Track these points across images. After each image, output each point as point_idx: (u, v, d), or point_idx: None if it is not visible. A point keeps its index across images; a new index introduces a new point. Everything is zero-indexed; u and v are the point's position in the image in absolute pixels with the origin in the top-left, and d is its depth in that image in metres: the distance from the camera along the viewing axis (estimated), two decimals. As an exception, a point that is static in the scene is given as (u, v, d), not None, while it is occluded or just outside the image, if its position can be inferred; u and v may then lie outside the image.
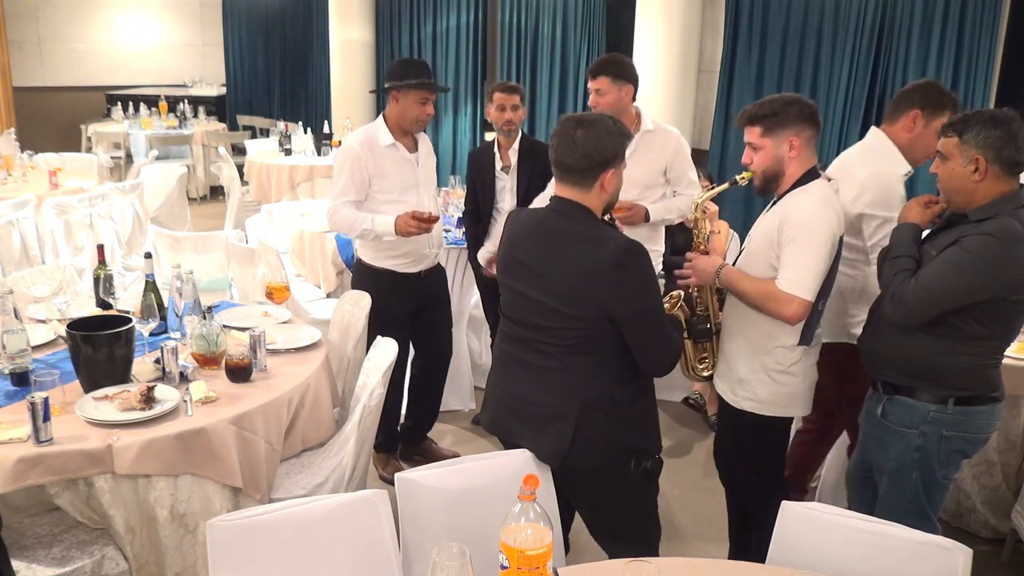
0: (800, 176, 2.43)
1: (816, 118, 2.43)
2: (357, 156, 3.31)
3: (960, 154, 2.23)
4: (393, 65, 3.43)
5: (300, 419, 2.69)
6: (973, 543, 1.87)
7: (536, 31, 7.79)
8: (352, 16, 9.22)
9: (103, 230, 5.42)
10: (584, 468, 2.21)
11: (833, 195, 2.44)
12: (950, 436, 2.32)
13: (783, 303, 2.36)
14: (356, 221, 3.30)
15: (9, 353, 2.53)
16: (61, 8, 10.88)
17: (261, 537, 1.79)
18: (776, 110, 2.40)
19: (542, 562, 1.53)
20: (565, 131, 2.15)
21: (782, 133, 2.40)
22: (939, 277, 2.21)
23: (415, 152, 3.44)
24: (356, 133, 3.43)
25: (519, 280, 2.23)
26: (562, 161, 2.16)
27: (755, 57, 6.03)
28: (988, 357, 2.31)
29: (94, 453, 2.19)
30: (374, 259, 3.48)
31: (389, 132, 3.37)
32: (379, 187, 3.35)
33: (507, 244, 2.32)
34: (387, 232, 3.27)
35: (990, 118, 2.21)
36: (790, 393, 2.52)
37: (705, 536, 3.36)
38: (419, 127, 3.41)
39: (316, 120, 9.72)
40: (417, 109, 3.32)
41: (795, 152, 2.41)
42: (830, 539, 1.87)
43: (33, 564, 2.22)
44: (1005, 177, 2.22)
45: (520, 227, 2.29)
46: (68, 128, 10.38)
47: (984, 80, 4.91)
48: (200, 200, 9.53)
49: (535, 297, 2.18)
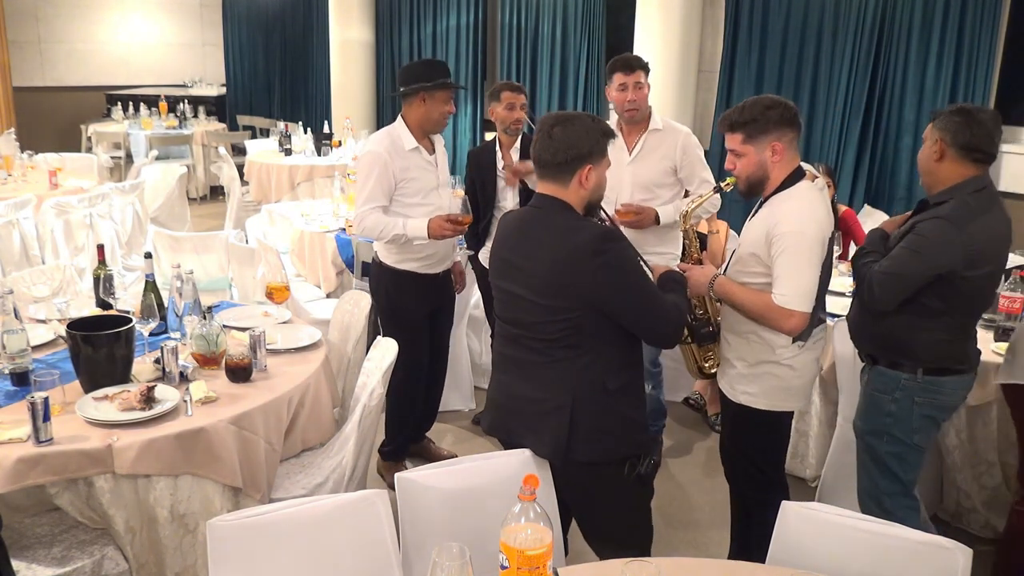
0: (785, 178, 2.45)
1: (796, 119, 2.46)
2: (385, 162, 3.25)
3: (929, 137, 2.49)
4: (415, 66, 3.42)
5: (300, 419, 2.69)
6: (973, 543, 1.87)
7: (536, 31, 7.79)
8: (352, 16, 9.21)
9: (103, 230, 5.42)
10: (583, 462, 2.21)
11: (818, 195, 2.45)
12: (920, 403, 2.52)
13: (783, 318, 2.39)
14: (387, 227, 3.25)
15: (9, 353, 2.53)
16: (61, 8, 10.88)
17: (261, 537, 1.79)
18: (756, 116, 2.40)
19: (542, 562, 1.53)
20: (543, 128, 2.20)
21: (764, 139, 2.40)
22: (898, 262, 2.42)
23: (433, 154, 3.43)
24: (379, 138, 3.34)
25: (506, 279, 2.27)
26: (540, 157, 2.20)
27: (755, 57, 6.03)
28: (953, 332, 2.49)
29: (94, 453, 2.20)
30: (398, 262, 3.44)
31: (411, 135, 3.33)
32: (405, 191, 3.32)
33: (495, 245, 2.36)
34: (420, 236, 3.25)
35: (959, 109, 2.45)
36: (785, 387, 2.53)
37: (705, 536, 3.36)
38: (442, 127, 3.40)
39: (316, 120, 9.72)
40: (444, 108, 3.31)
41: (778, 156, 2.42)
42: (830, 539, 1.87)
43: (33, 564, 2.22)
44: (963, 162, 2.41)
45: (505, 227, 2.36)
46: (68, 128, 10.39)
47: (984, 80, 4.91)
48: (200, 200, 9.53)
49: (519, 293, 2.21)
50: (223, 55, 12.00)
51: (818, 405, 3.57)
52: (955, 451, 3.21)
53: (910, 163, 5.30)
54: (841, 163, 5.55)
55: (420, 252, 3.41)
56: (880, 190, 5.50)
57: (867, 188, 5.51)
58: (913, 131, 5.25)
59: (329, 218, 4.99)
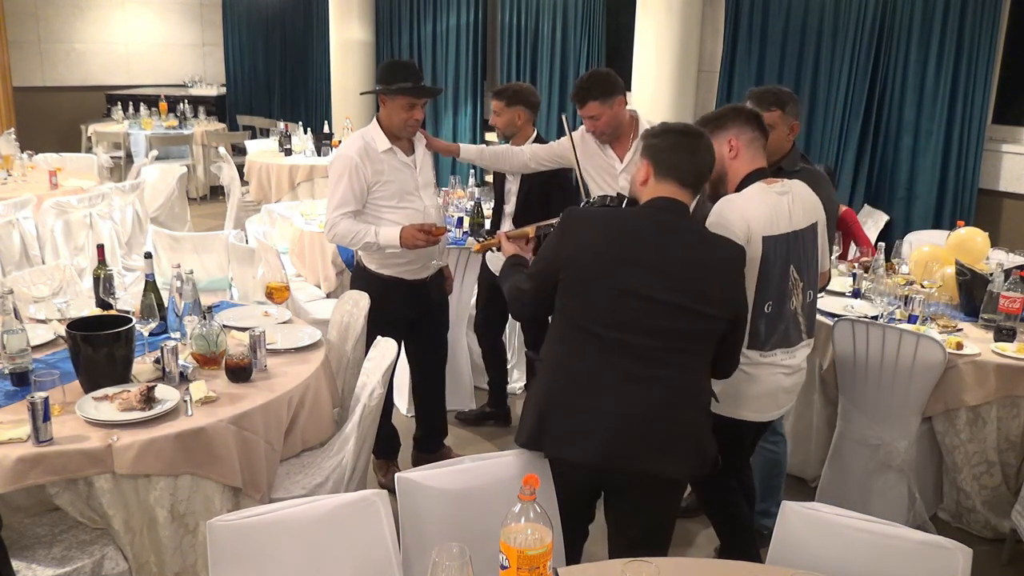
0: (742, 179, 2.48)
1: (759, 122, 2.53)
2: (355, 165, 3.16)
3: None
4: (381, 67, 3.30)
5: (300, 419, 2.69)
6: (973, 543, 1.88)
7: (536, 31, 7.79)
8: (352, 16, 9.21)
9: (103, 230, 5.42)
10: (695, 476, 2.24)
11: (761, 196, 2.44)
12: None
13: None
14: (358, 234, 3.18)
15: (9, 353, 2.53)
16: (61, 8, 10.87)
17: (261, 537, 1.79)
18: (720, 114, 2.54)
19: (542, 562, 1.53)
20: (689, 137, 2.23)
21: (723, 135, 2.49)
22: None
23: (412, 155, 3.32)
24: (352, 141, 3.25)
25: (638, 281, 2.08)
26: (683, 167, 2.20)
27: (755, 57, 6.03)
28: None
29: (94, 453, 2.19)
30: (380, 267, 3.37)
31: (384, 136, 3.23)
32: (379, 194, 3.23)
33: (616, 244, 2.13)
34: (392, 245, 3.17)
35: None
36: (736, 394, 2.52)
37: (704, 536, 3.36)
38: (408, 132, 3.25)
39: (316, 120, 9.72)
40: (403, 114, 3.17)
41: (734, 152, 2.49)
42: (830, 539, 1.87)
43: (33, 564, 2.22)
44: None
45: (625, 226, 2.17)
46: (68, 128, 10.38)
47: (984, 80, 4.92)
48: (200, 200, 9.53)
49: (662, 299, 2.07)
50: (223, 55, 11.99)
51: (818, 405, 3.57)
52: (955, 451, 3.21)
53: (910, 163, 5.31)
54: (841, 163, 5.55)
55: (402, 257, 3.31)
56: (880, 190, 5.51)
57: (867, 188, 5.52)
58: (913, 131, 5.25)
59: (329, 218, 4.99)
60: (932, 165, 5.17)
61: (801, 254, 2.49)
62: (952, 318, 3.42)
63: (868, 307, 3.54)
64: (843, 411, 3.34)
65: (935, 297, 3.52)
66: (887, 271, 3.80)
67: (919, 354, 3.04)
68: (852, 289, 3.76)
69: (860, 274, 3.78)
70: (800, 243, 2.49)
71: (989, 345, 3.18)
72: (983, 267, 3.72)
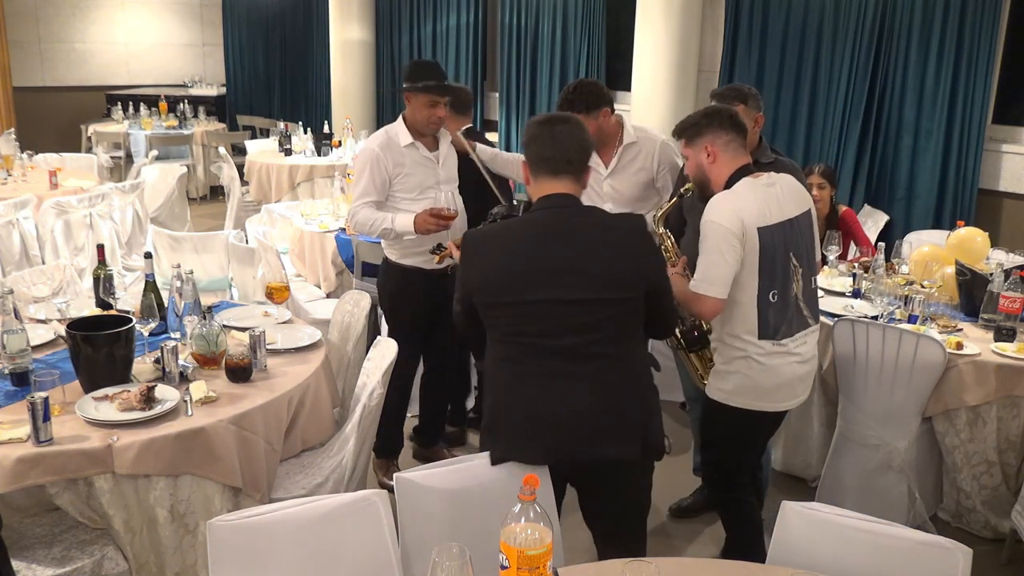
0: (728, 178, 2.53)
1: (735, 121, 2.56)
2: (377, 157, 3.32)
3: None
4: (407, 66, 3.45)
5: (300, 419, 2.69)
6: (973, 543, 1.87)
7: (536, 31, 7.78)
8: (352, 16, 9.21)
9: (103, 230, 5.42)
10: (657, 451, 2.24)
11: (750, 190, 2.48)
12: None
13: (695, 302, 2.50)
14: (376, 221, 3.32)
15: (9, 353, 2.53)
16: (61, 8, 10.87)
17: (261, 537, 1.79)
18: (694, 122, 2.59)
19: (542, 562, 1.53)
20: (543, 129, 2.19)
21: (699, 142, 2.56)
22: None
23: (435, 151, 3.44)
24: (376, 135, 3.43)
25: (552, 288, 2.09)
26: (552, 157, 2.17)
27: (755, 57, 6.02)
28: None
29: (94, 453, 2.20)
30: (401, 257, 3.48)
31: (408, 132, 3.36)
32: (399, 187, 3.36)
33: (515, 259, 2.13)
34: (407, 230, 3.28)
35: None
36: (754, 385, 2.55)
37: (704, 536, 3.36)
38: (431, 129, 3.39)
39: (316, 120, 9.71)
40: (425, 111, 3.31)
41: (712, 158, 2.55)
42: (830, 539, 1.87)
43: (33, 564, 2.22)
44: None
45: (522, 237, 2.16)
46: (68, 128, 10.37)
47: (984, 80, 4.91)
48: (200, 200, 9.52)
49: (574, 298, 2.08)
50: (223, 55, 11.99)
51: (818, 405, 3.57)
52: (955, 451, 3.21)
53: (910, 163, 5.30)
54: (841, 163, 5.54)
55: (421, 247, 3.40)
56: (880, 190, 5.50)
57: (867, 188, 5.51)
58: (913, 131, 5.25)
59: (329, 218, 4.99)
60: (932, 165, 5.17)
61: (799, 240, 2.55)
62: (952, 318, 3.42)
63: (868, 307, 3.54)
64: (843, 411, 3.33)
65: (935, 297, 3.52)
66: (887, 271, 3.79)
67: (919, 354, 3.05)
68: (852, 289, 3.76)
69: (860, 274, 3.78)
70: (796, 230, 2.53)
71: (989, 345, 3.18)
72: (983, 267, 3.72)
